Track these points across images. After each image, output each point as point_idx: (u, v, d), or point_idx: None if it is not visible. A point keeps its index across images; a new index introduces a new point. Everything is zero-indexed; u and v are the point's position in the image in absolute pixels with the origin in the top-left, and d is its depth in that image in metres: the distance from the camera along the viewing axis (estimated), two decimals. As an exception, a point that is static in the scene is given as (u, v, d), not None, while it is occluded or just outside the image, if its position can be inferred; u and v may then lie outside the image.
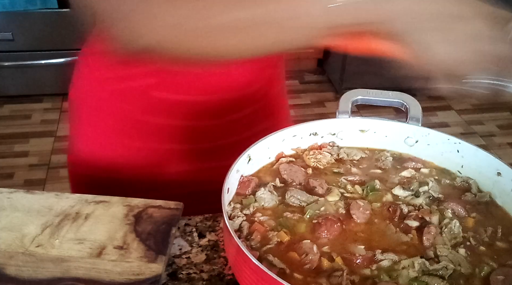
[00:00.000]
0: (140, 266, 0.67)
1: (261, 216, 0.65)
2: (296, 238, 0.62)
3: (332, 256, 0.60)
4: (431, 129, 0.76)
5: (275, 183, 0.71)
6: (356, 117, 0.78)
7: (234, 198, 0.68)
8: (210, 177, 0.83)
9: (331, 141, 0.79)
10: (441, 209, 0.67)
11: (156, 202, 0.77)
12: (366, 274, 0.58)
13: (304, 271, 0.58)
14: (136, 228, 0.72)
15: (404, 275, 0.58)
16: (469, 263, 0.60)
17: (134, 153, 0.94)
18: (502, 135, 2.86)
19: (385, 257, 0.59)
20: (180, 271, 0.70)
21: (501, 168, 0.69)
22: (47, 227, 0.73)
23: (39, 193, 0.79)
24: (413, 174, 0.74)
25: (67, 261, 0.67)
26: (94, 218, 0.74)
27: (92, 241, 0.70)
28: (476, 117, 2.99)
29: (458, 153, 0.74)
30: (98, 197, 0.78)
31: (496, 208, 0.69)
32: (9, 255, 0.68)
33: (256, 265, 0.52)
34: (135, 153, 0.94)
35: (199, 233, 0.76)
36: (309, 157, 0.75)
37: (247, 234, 0.62)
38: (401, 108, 0.77)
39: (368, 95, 0.78)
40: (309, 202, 0.67)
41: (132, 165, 0.95)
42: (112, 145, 0.93)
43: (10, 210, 0.75)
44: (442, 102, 3.06)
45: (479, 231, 0.65)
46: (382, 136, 0.78)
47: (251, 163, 0.71)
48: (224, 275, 0.69)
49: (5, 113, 2.93)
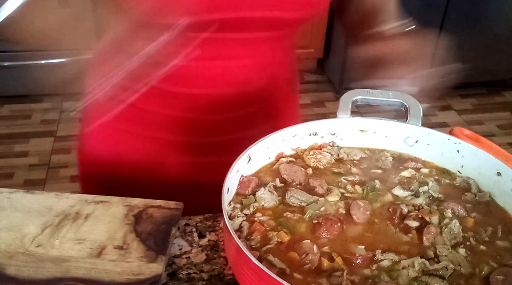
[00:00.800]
0: (140, 266, 0.67)
1: (261, 216, 0.65)
2: (296, 238, 0.62)
3: (332, 256, 0.60)
4: (431, 129, 0.76)
5: (275, 183, 0.71)
6: (356, 117, 0.78)
7: (234, 198, 0.68)
8: (209, 172, 0.87)
9: (331, 141, 0.79)
10: (441, 209, 0.67)
11: (156, 202, 0.77)
12: (366, 274, 0.58)
13: (304, 271, 0.58)
14: (136, 228, 0.72)
15: (404, 275, 0.58)
16: (469, 263, 0.60)
17: (136, 142, 0.95)
18: (502, 135, 2.87)
19: (385, 257, 0.59)
20: (180, 271, 0.70)
21: (501, 168, 0.69)
22: (47, 227, 0.73)
23: (39, 193, 0.79)
24: (413, 174, 0.74)
25: (67, 261, 0.67)
26: (94, 218, 0.74)
27: (92, 241, 0.70)
28: (476, 117, 2.99)
29: (458, 153, 0.74)
30: (98, 197, 0.78)
31: (496, 207, 0.69)
32: (9, 255, 0.68)
33: (256, 265, 0.52)
34: (137, 142, 0.95)
35: (199, 233, 0.76)
36: (309, 157, 0.75)
37: (247, 234, 0.62)
38: (401, 108, 0.77)
39: (368, 95, 0.78)
40: (309, 202, 0.67)
41: (135, 156, 0.96)
42: (115, 131, 0.95)
43: (10, 210, 0.75)
44: (442, 102, 3.07)
45: (479, 231, 0.65)
46: (382, 136, 0.78)
47: (251, 163, 0.71)
48: (224, 275, 0.69)
49: (5, 113, 2.93)
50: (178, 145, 0.95)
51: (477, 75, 3.08)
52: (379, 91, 0.78)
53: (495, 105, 3.11)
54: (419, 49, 0.84)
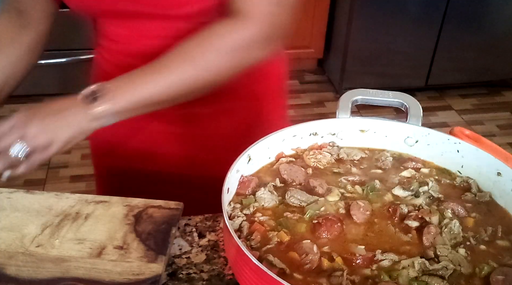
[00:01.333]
0: (140, 266, 0.66)
1: (261, 216, 0.65)
2: (296, 238, 0.62)
3: (332, 256, 0.60)
4: (431, 129, 0.76)
5: (275, 183, 0.71)
6: (356, 117, 0.78)
7: (234, 198, 0.68)
8: (203, 164, 0.94)
9: (331, 141, 0.79)
10: (441, 209, 0.67)
11: (156, 202, 0.77)
12: (366, 274, 0.58)
13: (304, 271, 0.58)
14: (136, 228, 0.72)
15: (404, 275, 0.58)
16: (469, 263, 0.60)
17: (136, 131, 0.97)
18: (502, 135, 2.86)
19: (385, 257, 0.59)
20: (180, 271, 0.70)
21: (501, 168, 0.69)
22: (47, 227, 0.73)
23: (39, 193, 0.79)
24: (413, 174, 0.74)
25: (67, 261, 0.67)
26: (94, 218, 0.74)
27: (92, 241, 0.70)
28: (476, 117, 2.99)
29: (458, 153, 0.74)
30: (98, 197, 0.78)
31: (496, 207, 0.69)
32: (9, 255, 0.68)
33: (256, 265, 0.52)
34: (136, 131, 0.97)
35: (199, 233, 0.76)
36: (309, 157, 0.75)
37: (247, 234, 0.62)
38: (401, 108, 0.77)
39: (368, 95, 0.78)
40: (309, 202, 0.67)
41: (133, 142, 0.98)
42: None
43: (10, 210, 0.75)
44: (442, 102, 3.07)
45: (479, 231, 0.65)
46: (382, 136, 0.78)
47: (251, 163, 0.71)
48: (224, 275, 0.69)
49: (5, 113, 2.91)
50: (170, 135, 0.97)
51: (477, 75, 3.08)
52: (379, 91, 0.78)
53: (495, 105, 3.10)
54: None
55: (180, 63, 0.74)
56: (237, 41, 0.75)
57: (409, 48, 2.88)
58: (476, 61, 3.00)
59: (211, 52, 0.75)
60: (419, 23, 2.80)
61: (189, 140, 0.97)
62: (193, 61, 0.74)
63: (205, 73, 0.75)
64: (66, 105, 0.73)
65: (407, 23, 2.80)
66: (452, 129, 0.77)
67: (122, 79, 0.75)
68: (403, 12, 2.77)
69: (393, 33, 2.82)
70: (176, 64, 0.74)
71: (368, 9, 2.76)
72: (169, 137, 0.97)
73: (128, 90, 0.73)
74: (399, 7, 2.74)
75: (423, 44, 2.88)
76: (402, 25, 2.80)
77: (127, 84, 0.74)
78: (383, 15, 2.76)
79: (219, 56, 0.75)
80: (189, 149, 0.98)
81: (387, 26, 2.80)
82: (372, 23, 2.79)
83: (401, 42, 2.85)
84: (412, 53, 2.90)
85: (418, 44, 2.87)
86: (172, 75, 0.74)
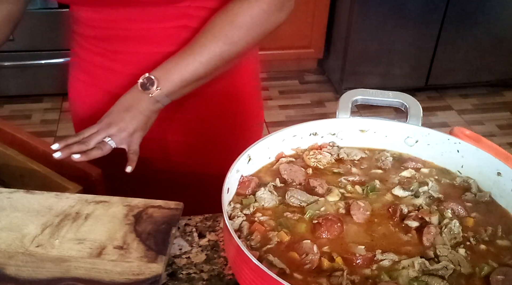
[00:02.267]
0: (140, 266, 0.66)
1: (261, 216, 0.65)
2: (296, 238, 0.62)
3: (332, 256, 0.60)
4: (431, 129, 0.76)
5: (275, 183, 0.71)
6: (356, 117, 0.78)
7: (234, 198, 0.68)
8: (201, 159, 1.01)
9: (331, 141, 0.79)
10: (441, 209, 0.67)
11: (156, 202, 0.77)
12: (366, 274, 0.58)
13: (304, 271, 0.58)
14: (136, 228, 0.72)
15: (404, 275, 0.58)
16: (469, 263, 0.60)
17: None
18: (502, 135, 2.86)
19: (385, 257, 0.59)
20: (180, 271, 0.70)
21: (501, 168, 0.69)
22: (47, 227, 0.73)
23: (39, 193, 0.79)
24: (413, 174, 0.74)
25: (67, 261, 0.67)
26: (94, 218, 0.74)
27: (92, 241, 0.70)
28: (476, 117, 2.99)
29: (458, 153, 0.74)
30: (98, 197, 0.78)
31: (496, 207, 0.69)
32: (9, 255, 0.68)
33: (256, 265, 0.52)
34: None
35: (199, 233, 0.76)
36: (309, 157, 0.75)
37: (247, 234, 0.62)
38: (401, 108, 0.77)
39: (368, 95, 0.78)
40: (309, 202, 0.67)
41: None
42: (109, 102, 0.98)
43: (10, 210, 0.75)
44: (442, 102, 3.07)
45: (479, 231, 0.65)
46: (382, 136, 0.78)
47: (251, 163, 0.71)
48: (224, 275, 0.69)
49: (5, 113, 2.93)
50: (169, 122, 0.99)
51: (477, 75, 3.08)
52: (379, 91, 0.78)
53: (495, 105, 3.10)
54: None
55: (213, 41, 0.85)
56: (256, 16, 0.85)
57: (409, 48, 2.88)
58: (476, 61, 3.00)
59: (237, 29, 0.85)
60: (419, 23, 2.80)
61: (186, 127, 1.01)
62: (224, 38, 0.85)
63: (233, 47, 0.86)
64: (132, 98, 0.85)
65: (407, 23, 2.80)
66: (452, 129, 0.78)
67: (168, 64, 0.85)
68: (403, 12, 2.77)
69: (393, 33, 2.82)
70: (209, 42, 0.85)
71: (368, 9, 2.76)
72: (167, 122, 0.99)
73: (174, 73, 0.85)
74: (399, 7, 2.74)
75: (423, 44, 2.88)
76: (402, 25, 2.80)
77: (174, 67, 0.85)
78: (383, 15, 2.76)
79: (243, 31, 0.85)
80: (186, 135, 1.02)
81: (387, 26, 2.80)
82: (372, 23, 2.79)
83: (401, 42, 2.86)
84: (412, 53, 2.90)
85: (418, 44, 2.87)
86: (209, 52, 0.85)
